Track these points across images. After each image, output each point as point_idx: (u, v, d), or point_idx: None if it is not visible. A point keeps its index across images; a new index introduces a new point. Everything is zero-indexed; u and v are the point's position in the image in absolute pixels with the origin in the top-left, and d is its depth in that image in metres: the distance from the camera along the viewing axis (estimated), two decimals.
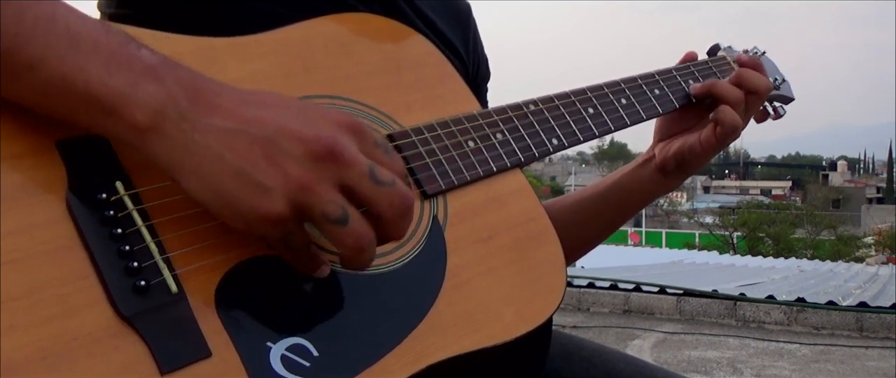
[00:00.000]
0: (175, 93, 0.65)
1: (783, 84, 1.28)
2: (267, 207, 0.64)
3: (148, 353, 0.63)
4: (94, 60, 0.63)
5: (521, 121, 0.98)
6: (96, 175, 0.68)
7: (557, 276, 0.88)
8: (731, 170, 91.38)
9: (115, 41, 0.65)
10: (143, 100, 0.64)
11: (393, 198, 0.67)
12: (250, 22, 0.87)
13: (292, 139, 0.65)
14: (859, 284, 8.73)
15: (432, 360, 0.74)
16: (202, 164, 0.65)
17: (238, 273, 0.70)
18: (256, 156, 0.64)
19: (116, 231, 0.66)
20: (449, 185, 0.87)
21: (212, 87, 0.67)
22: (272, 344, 0.68)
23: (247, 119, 0.66)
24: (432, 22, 1.08)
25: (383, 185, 0.67)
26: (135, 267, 0.65)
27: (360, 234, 0.66)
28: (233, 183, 0.64)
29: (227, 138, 0.65)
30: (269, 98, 0.69)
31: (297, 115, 0.67)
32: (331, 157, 0.65)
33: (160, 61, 0.66)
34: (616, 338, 5.94)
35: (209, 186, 0.65)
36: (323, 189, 0.64)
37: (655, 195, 1.21)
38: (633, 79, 1.13)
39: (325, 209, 0.64)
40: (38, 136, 0.66)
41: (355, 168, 0.66)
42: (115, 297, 0.64)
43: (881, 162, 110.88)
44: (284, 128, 0.65)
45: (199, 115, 0.65)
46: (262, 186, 0.64)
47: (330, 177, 0.65)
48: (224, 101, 0.66)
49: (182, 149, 0.65)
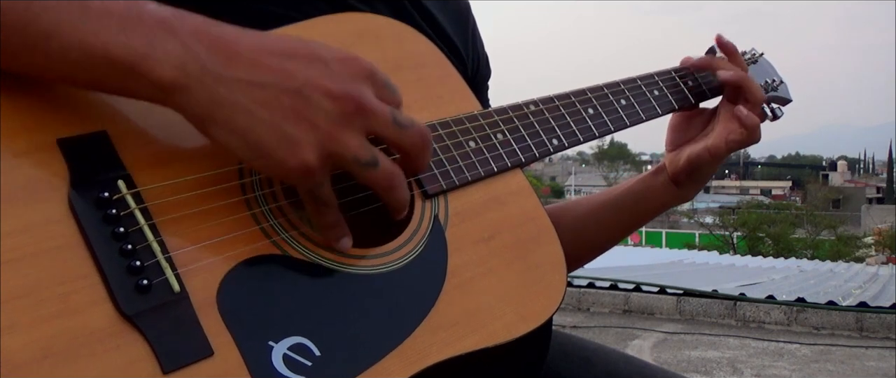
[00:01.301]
0: (193, 45, 0.66)
1: (780, 86, 1.28)
2: (300, 158, 0.67)
3: (150, 353, 0.63)
4: (108, 23, 0.64)
5: (522, 121, 0.98)
6: (98, 173, 0.68)
7: (558, 276, 0.88)
8: (731, 170, 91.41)
9: (124, 2, 0.65)
10: (163, 57, 0.64)
11: (415, 137, 0.73)
12: (250, 23, 0.87)
13: (321, 93, 0.68)
14: (859, 284, 8.73)
15: (434, 360, 0.74)
16: (232, 118, 0.66)
17: (240, 272, 0.70)
18: (286, 109, 0.67)
19: (118, 230, 0.66)
20: (450, 184, 0.87)
21: (228, 34, 0.68)
22: (274, 343, 0.68)
23: (272, 71, 0.67)
24: (436, 21, 1.08)
25: (406, 128, 0.72)
26: (137, 266, 0.65)
27: (390, 172, 0.72)
28: (264, 135, 0.66)
29: (256, 92, 0.66)
30: (289, 46, 0.70)
31: (320, 66, 0.69)
32: (358, 111, 0.69)
33: (171, 14, 0.67)
34: (616, 338, 5.94)
35: (240, 139, 0.67)
36: (353, 139, 0.68)
37: (669, 205, 1.21)
38: (632, 80, 1.13)
39: (357, 154, 0.69)
40: (39, 134, 0.66)
41: (380, 117, 0.70)
42: (117, 296, 0.64)
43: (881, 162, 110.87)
44: (312, 82, 0.68)
45: (220, 67, 0.66)
46: (295, 139, 0.67)
47: (358, 127, 0.69)
48: (244, 50, 0.68)
49: (209, 103, 0.66)
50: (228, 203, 0.72)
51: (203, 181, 0.71)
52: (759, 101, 1.16)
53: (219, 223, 0.71)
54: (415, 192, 0.85)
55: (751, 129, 1.13)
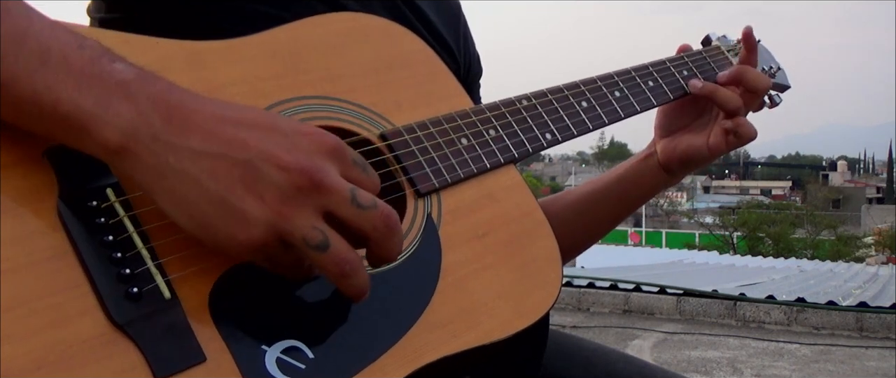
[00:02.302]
0: (147, 112, 0.63)
1: (779, 72, 1.27)
2: (246, 235, 0.63)
3: (142, 360, 0.63)
4: (64, 78, 0.62)
5: (514, 116, 0.98)
6: (87, 183, 0.67)
7: (553, 270, 0.88)
8: (731, 170, 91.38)
9: (88, 56, 0.63)
10: (113, 120, 0.62)
11: (376, 220, 0.66)
12: (242, 24, 0.87)
13: (273, 167, 0.64)
14: (859, 284, 8.73)
15: (429, 359, 0.74)
16: (178, 189, 0.63)
17: (231, 277, 0.70)
18: (235, 182, 0.63)
19: (108, 238, 0.66)
20: (442, 183, 0.87)
21: (188, 102, 0.65)
22: (267, 347, 0.68)
23: (225, 140, 0.64)
24: (428, 19, 1.08)
25: (366, 209, 0.66)
26: (127, 274, 0.65)
27: (342, 257, 0.65)
28: (211, 209, 0.63)
29: (205, 162, 0.63)
30: (248, 116, 0.67)
31: (278, 138, 0.65)
32: (312, 187, 0.64)
33: (134, 76, 0.64)
34: (616, 338, 5.94)
35: (186, 211, 0.64)
36: (303, 218, 0.64)
37: (657, 191, 1.21)
38: (626, 71, 1.12)
39: (306, 235, 0.64)
40: (26, 145, 0.66)
41: (337, 195, 0.65)
42: (108, 304, 0.63)
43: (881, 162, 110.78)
44: (265, 153, 0.64)
45: (173, 136, 0.63)
46: (242, 214, 0.63)
47: (311, 204, 0.64)
48: (201, 120, 0.64)
49: (155, 171, 0.63)
50: None
51: None
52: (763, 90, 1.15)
53: None
54: (407, 190, 0.85)
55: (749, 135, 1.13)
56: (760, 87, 1.14)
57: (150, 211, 0.68)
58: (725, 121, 1.13)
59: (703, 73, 1.17)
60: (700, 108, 1.17)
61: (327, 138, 0.67)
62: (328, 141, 0.67)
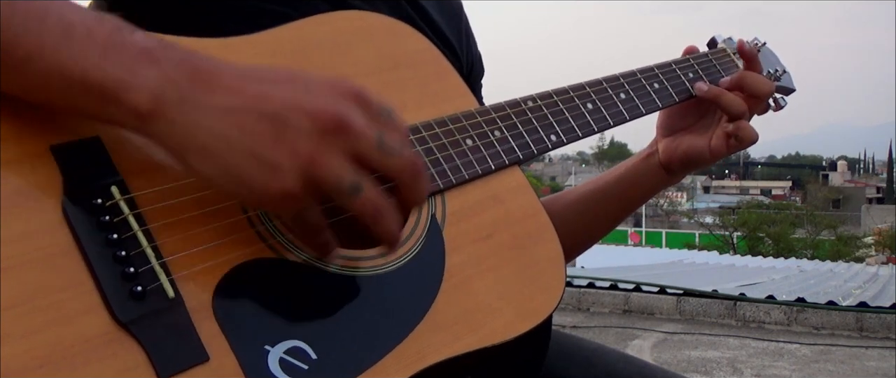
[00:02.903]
0: (173, 74, 0.64)
1: (784, 75, 1.28)
2: (279, 185, 0.64)
3: (146, 359, 0.63)
4: (89, 49, 0.63)
5: (520, 118, 0.97)
6: (92, 180, 0.67)
7: (557, 274, 0.88)
8: (731, 170, 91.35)
9: (108, 28, 0.65)
10: (142, 84, 0.63)
11: (403, 163, 0.68)
12: (246, 21, 0.87)
13: (299, 114, 0.65)
14: (859, 284, 8.73)
15: (432, 360, 0.74)
16: (209, 146, 0.64)
17: (235, 276, 0.70)
18: (264, 133, 0.64)
19: (112, 236, 0.66)
20: (447, 184, 0.87)
21: (210, 64, 0.67)
22: (270, 347, 0.68)
23: (251, 95, 0.65)
24: (432, 19, 1.08)
25: (393, 153, 0.67)
26: (131, 272, 0.65)
27: (374, 200, 0.67)
28: (243, 162, 0.64)
29: (233, 117, 0.64)
30: (270, 72, 0.68)
31: (302, 88, 0.67)
32: (340, 130, 0.65)
33: (155, 44, 0.66)
34: (616, 338, 5.94)
35: (218, 167, 0.65)
36: (334, 161, 0.65)
37: (657, 190, 1.22)
38: (632, 73, 1.12)
39: (338, 180, 0.65)
40: (32, 141, 0.66)
41: (364, 139, 0.66)
42: (112, 302, 0.63)
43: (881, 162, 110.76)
44: (290, 102, 0.65)
45: (200, 95, 0.64)
46: (273, 164, 0.64)
47: (340, 149, 0.65)
48: (224, 79, 0.66)
49: (186, 131, 0.64)
50: (223, 207, 0.71)
51: (197, 185, 0.70)
52: (768, 93, 1.15)
53: (214, 227, 0.71)
54: None
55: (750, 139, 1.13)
56: (762, 92, 1.14)
57: (155, 209, 0.69)
58: (727, 124, 1.13)
59: (709, 76, 1.17)
60: (703, 109, 1.17)
61: (349, 84, 0.69)
62: (350, 87, 0.68)
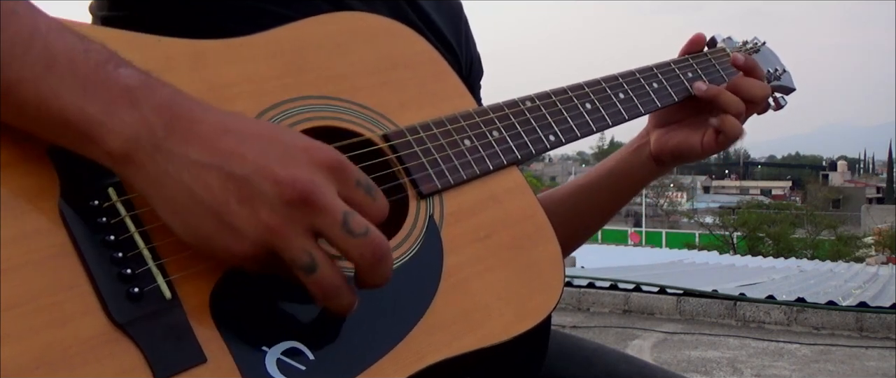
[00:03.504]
0: (151, 120, 0.63)
1: (784, 74, 1.28)
2: (237, 248, 0.64)
3: (143, 360, 0.63)
4: (70, 84, 0.62)
5: (518, 118, 0.97)
6: (89, 182, 0.67)
7: (555, 274, 0.87)
8: (731, 170, 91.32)
9: (93, 61, 0.64)
10: (118, 128, 0.62)
11: (364, 249, 0.65)
12: (245, 22, 0.86)
13: (267, 180, 0.63)
14: (859, 284, 8.73)
15: (430, 361, 0.74)
16: (174, 198, 0.64)
17: (232, 278, 0.69)
18: (230, 195, 0.63)
19: (109, 238, 0.66)
20: (445, 184, 0.87)
21: (192, 111, 0.65)
22: (267, 348, 0.68)
23: (224, 152, 0.64)
24: (431, 20, 1.08)
25: (355, 236, 0.65)
26: (128, 274, 0.65)
27: (326, 281, 0.65)
28: (205, 220, 0.64)
29: (202, 173, 0.63)
30: (251, 127, 0.67)
31: (278, 152, 0.65)
32: (304, 204, 0.63)
33: (140, 83, 0.64)
34: (616, 338, 5.94)
35: (181, 220, 0.64)
36: (292, 235, 0.64)
37: (647, 182, 1.22)
38: (630, 73, 1.12)
39: (293, 255, 0.64)
40: (29, 144, 0.66)
41: (328, 216, 0.64)
42: (109, 304, 0.63)
43: (881, 162, 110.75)
44: (261, 167, 0.64)
45: (173, 144, 0.63)
46: (232, 227, 0.63)
47: (302, 223, 0.64)
48: (203, 130, 0.65)
49: (155, 180, 0.64)
50: None
51: None
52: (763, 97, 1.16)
53: None
54: (410, 191, 0.85)
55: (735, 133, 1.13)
56: (758, 97, 1.15)
57: (152, 211, 0.68)
58: (713, 118, 1.13)
59: (708, 75, 1.17)
60: (699, 104, 1.17)
61: (329, 154, 0.67)
62: (329, 157, 0.66)
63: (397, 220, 0.82)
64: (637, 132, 1.23)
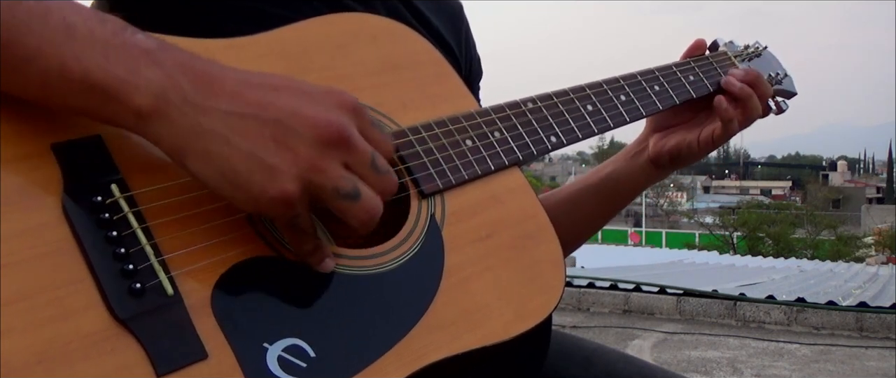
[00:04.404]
0: (176, 76, 0.65)
1: (785, 79, 1.28)
2: (278, 188, 0.66)
3: (144, 356, 0.63)
4: (91, 49, 0.63)
5: (520, 119, 0.98)
6: (92, 178, 0.67)
7: (556, 274, 0.88)
8: (731, 170, 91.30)
9: (110, 29, 0.65)
10: (144, 84, 0.64)
11: (386, 185, 0.71)
12: (245, 23, 0.87)
13: (301, 122, 0.67)
14: (859, 284, 8.74)
15: (430, 360, 0.74)
16: (210, 148, 0.65)
17: (234, 274, 0.70)
18: (267, 138, 0.66)
19: (112, 234, 0.66)
20: (447, 184, 0.87)
21: (212, 68, 0.68)
22: (269, 345, 0.68)
23: (253, 101, 0.67)
24: (428, 21, 1.08)
25: (380, 173, 0.70)
26: (130, 269, 0.65)
27: (372, 204, 0.70)
28: (242, 165, 0.65)
29: (235, 121, 0.65)
30: (272, 80, 0.69)
31: (303, 97, 0.68)
32: (340, 143, 0.67)
33: (157, 45, 0.66)
34: (616, 338, 5.94)
35: (218, 169, 0.65)
36: (333, 168, 0.67)
37: (646, 185, 1.23)
38: (632, 75, 1.13)
39: (338, 184, 0.67)
40: (33, 139, 0.66)
41: (360, 154, 0.69)
42: (111, 299, 0.63)
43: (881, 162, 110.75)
44: (295, 111, 0.67)
45: (202, 98, 0.65)
46: (273, 168, 0.65)
47: (338, 157, 0.68)
48: (227, 83, 0.67)
49: (187, 132, 0.65)
50: (222, 205, 0.71)
51: (197, 184, 0.71)
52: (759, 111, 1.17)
53: (213, 226, 0.71)
54: (411, 191, 0.85)
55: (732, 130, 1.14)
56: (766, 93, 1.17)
57: (155, 207, 0.69)
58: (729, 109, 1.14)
59: (709, 79, 1.18)
60: (694, 108, 1.18)
61: (348, 97, 0.70)
62: (349, 100, 0.70)
63: (399, 219, 0.82)
64: (636, 130, 1.24)
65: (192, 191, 0.71)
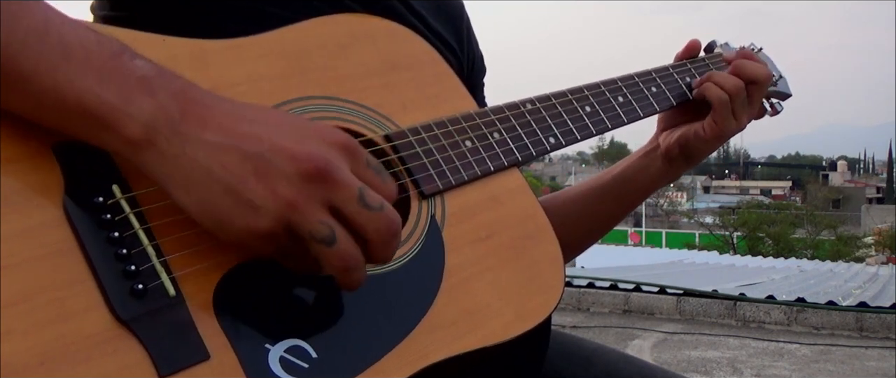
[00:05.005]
0: (168, 106, 0.64)
1: (780, 80, 1.29)
2: (255, 224, 0.64)
3: (146, 357, 0.63)
4: (87, 72, 0.63)
5: (518, 120, 0.98)
6: (93, 178, 0.67)
7: (556, 274, 0.88)
8: (731, 170, 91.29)
9: (108, 52, 0.65)
10: (136, 114, 0.63)
11: (379, 223, 0.67)
12: (245, 23, 0.87)
13: (284, 157, 0.65)
14: (859, 284, 8.73)
15: (431, 361, 0.74)
16: (192, 179, 0.64)
17: (236, 275, 0.70)
18: (247, 172, 0.64)
19: (113, 234, 0.66)
20: (447, 185, 0.87)
21: (205, 99, 0.67)
22: (271, 346, 0.68)
23: (239, 134, 0.65)
24: (426, 20, 1.08)
25: (371, 210, 0.66)
26: (132, 270, 0.65)
27: (347, 253, 0.66)
28: (222, 198, 0.64)
29: (218, 153, 0.64)
30: (263, 114, 0.68)
31: (291, 133, 0.67)
32: (321, 178, 0.65)
33: (154, 72, 0.66)
34: (616, 338, 5.94)
35: (199, 201, 0.65)
36: (311, 208, 0.65)
37: (659, 184, 1.23)
38: (630, 77, 1.13)
39: (313, 228, 0.65)
40: (34, 139, 0.66)
41: (345, 190, 0.66)
42: (113, 300, 0.63)
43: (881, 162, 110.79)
44: (277, 145, 0.65)
45: (190, 129, 0.65)
46: (251, 204, 0.64)
47: (319, 197, 0.65)
48: (217, 115, 0.66)
49: (173, 162, 0.64)
50: None
51: None
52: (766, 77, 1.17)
53: None
54: (411, 192, 0.85)
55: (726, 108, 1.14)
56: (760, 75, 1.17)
57: (156, 208, 0.69)
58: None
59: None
60: (700, 107, 1.19)
61: (339, 135, 0.69)
62: (341, 137, 0.68)
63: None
64: (638, 132, 1.25)
65: None
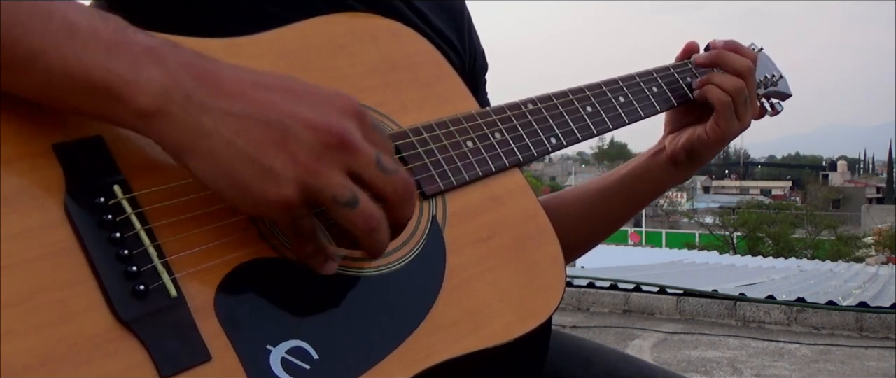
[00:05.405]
0: (179, 75, 0.65)
1: (780, 80, 1.29)
2: (277, 192, 0.65)
3: (147, 358, 0.63)
4: (94, 48, 0.63)
5: (520, 120, 0.98)
6: (94, 178, 0.67)
7: (557, 275, 0.88)
8: (731, 170, 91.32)
9: (112, 28, 0.65)
10: (147, 84, 0.63)
11: (397, 184, 0.70)
12: (245, 22, 0.87)
13: (302, 125, 0.66)
14: (859, 284, 8.74)
15: (433, 362, 0.74)
16: (212, 148, 0.65)
17: (238, 276, 0.70)
18: (266, 140, 0.65)
19: (115, 235, 0.66)
20: (448, 185, 0.87)
21: (216, 67, 0.67)
22: (272, 347, 0.68)
23: (256, 101, 0.66)
24: (427, 18, 1.08)
25: (388, 173, 0.69)
26: (134, 271, 0.65)
27: (371, 214, 0.68)
28: (243, 167, 0.65)
29: (238, 123, 0.65)
30: (274, 79, 0.69)
31: (306, 100, 0.68)
32: (341, 146, 0.67)
33: (160, 43, 0.66)
34: (616, 338, 5.94)
35: (219, 170, 0.65)
36: (332, 174, 0.66)
37: (665, 187, 1.23)
38: (631, 77, 1.13)
39: (336, 192, 0.66)
40: (34, 139, 0.66)
41: (363, 156, 0.68)
42: (114, 301, 0.63)
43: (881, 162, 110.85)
44: (295, 114, 0.66)
45: (205, 97, 0.65)
46: (273, 171, 0.65)
47: (339, 163, 0.67)
48: (230, 83, 0.66)
49: (190, 132, 0.65)
50: (226, 206, 0.71)
51: (200, 184, 0.70)
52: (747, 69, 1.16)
53: (216, 227, 0.71)
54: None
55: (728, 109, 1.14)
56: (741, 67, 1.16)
57: (158, 208, 0.69)
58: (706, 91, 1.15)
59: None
60: (705, 108, 1.19)
61: (350, 101, 0.70)
62: (351, 103, 0.70)
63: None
64: (638, 133, 1.25)
65: (194, 192, 0.71)
